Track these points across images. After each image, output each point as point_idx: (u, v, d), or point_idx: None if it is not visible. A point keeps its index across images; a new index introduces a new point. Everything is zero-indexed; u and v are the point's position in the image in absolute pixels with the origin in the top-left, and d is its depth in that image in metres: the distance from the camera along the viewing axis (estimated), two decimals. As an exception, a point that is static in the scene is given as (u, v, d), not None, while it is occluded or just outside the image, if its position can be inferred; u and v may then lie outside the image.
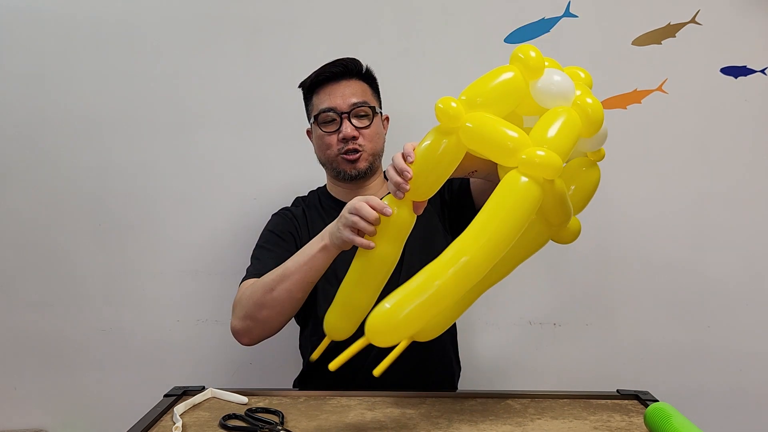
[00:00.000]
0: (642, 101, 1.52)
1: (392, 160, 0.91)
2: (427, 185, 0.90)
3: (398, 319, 0.83)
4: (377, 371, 0.90)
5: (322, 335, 1.03)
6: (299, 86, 1.31)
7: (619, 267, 1.55)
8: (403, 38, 1.52)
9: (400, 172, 0.88)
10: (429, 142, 0.88)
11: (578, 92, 0.89)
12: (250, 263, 1.23)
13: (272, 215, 1.33)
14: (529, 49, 0.87)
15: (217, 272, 1.56)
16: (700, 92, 1.51)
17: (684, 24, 1.49)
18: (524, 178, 0.80)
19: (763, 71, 1.50)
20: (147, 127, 1.54)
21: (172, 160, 1.55)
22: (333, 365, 0.88)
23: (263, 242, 1.26)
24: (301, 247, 1.10)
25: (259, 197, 1.54)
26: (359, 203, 0.92)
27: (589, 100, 0.88)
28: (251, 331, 1.12)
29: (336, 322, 0.99)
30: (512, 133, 0.83)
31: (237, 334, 1.14)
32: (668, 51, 1.50)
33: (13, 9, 1.52)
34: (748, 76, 1.50)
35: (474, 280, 0.84)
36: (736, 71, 1.50)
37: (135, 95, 1.53)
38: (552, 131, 0.84)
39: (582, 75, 0.97)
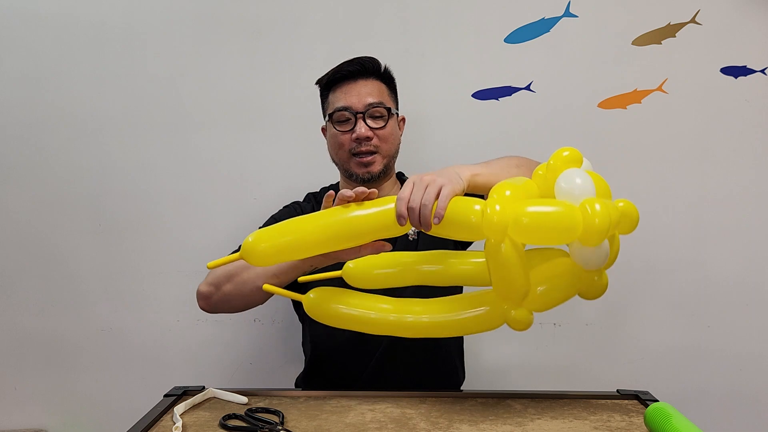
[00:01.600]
0: (642, 101, 1.52)
1: (422, 206, 0.86)
2: (434, 233, 0.91)
3: (328, 304, 0.94)
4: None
5: (324, 332, 1.03)
6: (316, 83, 1.29)
7: (619, 267, 1.53)
8: (403, 38, 1.52)
9: (425, 225, 0.86)
10: (463, 218, 0.86)
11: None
12: None
13: (283, 206, 1.33)
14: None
15: (217, 272, 1.56)
16: (700, 92, 1.51)
17: (684, 24, 1.49)
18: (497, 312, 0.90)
19: (763, 71, 1.50)
20: (147, 128, 1.54)
21: (172, 160, 1.55)
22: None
23: (275, 213, 1.28)
24: None
25: (259, 197, 1.55)
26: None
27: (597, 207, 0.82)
28: (210, 297, 1.11)
29: (266, 245, 0.88)
30: (519, 281, 0.86)
31: (198, 295, 1.13)
32: (668, 51, 1.50)
33: (13, 9, 1.52)
34: (748, 76, 1.50)
35: (403, 335, 0.95)
36: (736, 71, 1.50)
37: (135, 95, 1.54)
38: (547, 290, 0.90)
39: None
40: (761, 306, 1.55)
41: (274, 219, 1.27)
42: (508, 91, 1.53)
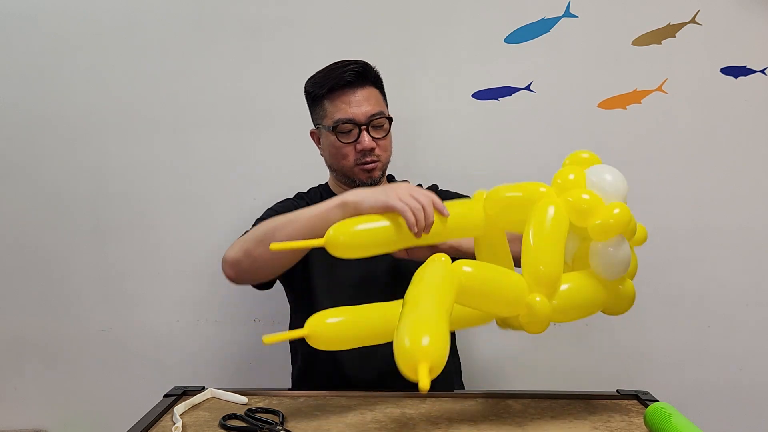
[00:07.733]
0: (642, 101, 1.52)
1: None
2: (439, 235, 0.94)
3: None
4: (267, 339, 0.81)
5: None
6: (308, 89, 1.27)
7: (619, 267, 1.55)
8: (403, 38, 1.52)
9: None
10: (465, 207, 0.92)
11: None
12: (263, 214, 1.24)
13: (276, 202, 1.31)
14: None
15: (217, 272, 1.54)
16: (700, 92, 1.51)
17: (684, 24, 1.49)
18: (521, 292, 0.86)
19: (763, 71, 1.50)
20: (146, 128, 1.54)
21: (171, 160, 1.55)
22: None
23: (273, 205, 1.28)
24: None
25: (259, 197, 1.54)
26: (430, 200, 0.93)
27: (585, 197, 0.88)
28: (240, 264, 1.08)
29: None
30: (556, 257, 0.85)
31: (225, 263, 1.10)
32: (668, 51, 1.50)
33: (11, 8, 1.52)
34: (748, 76, 1.50)
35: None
36: (736, 71, 1.50)
37: (134, 95, 1.54)
38: (571, 291, 0.88)
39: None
40: (761, 306, 1.55)
41: (274, 211, 1.25)
42: (508, 91, 1.53)
